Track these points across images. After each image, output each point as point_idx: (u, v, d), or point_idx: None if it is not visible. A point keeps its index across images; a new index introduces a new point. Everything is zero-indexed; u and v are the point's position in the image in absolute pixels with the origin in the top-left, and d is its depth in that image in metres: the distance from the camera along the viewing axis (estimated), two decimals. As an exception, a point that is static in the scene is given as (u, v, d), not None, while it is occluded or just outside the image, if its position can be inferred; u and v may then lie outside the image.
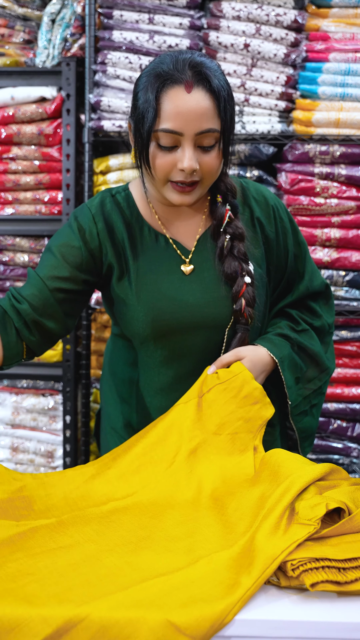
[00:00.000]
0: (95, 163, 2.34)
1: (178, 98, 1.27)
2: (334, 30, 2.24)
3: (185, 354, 1.45)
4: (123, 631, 0.86)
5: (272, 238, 1.49)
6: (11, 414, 2.44)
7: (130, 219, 1.46)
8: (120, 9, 2.24)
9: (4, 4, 2.36)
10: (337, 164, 2.29)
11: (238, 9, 2.19)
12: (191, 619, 0.86)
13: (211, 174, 1.35)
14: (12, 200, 2.41)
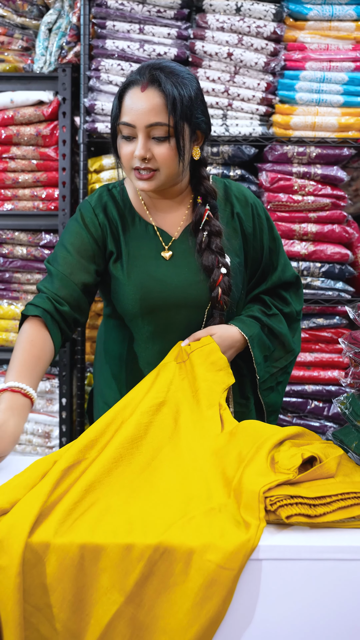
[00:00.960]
0: (89, 162, 2.47)
1: (134, 96, 1.47)
2: (310, 41, 2.40)
3: (169, 330, 1.61)
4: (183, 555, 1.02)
5: (249, 232, 1.65)
6: (10, 397, 2.58)
7: (124, 210, 1.63)
8: (113, 19, 2.38)
9: (3, 14, 2.49)
10: (314, 164, 2.44)
11: (222, 20, 2.35)
12: (228, 553, 1.02)
13: (166, 164, 1.50)
14: (11, 196, 2.54)
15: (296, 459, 1.20)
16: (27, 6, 2.49)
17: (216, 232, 1.59)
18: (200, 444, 1.34)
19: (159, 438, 1.35)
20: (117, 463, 1.26)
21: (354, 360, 1.47)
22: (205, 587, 1.01)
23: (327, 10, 2.34)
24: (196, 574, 1.02)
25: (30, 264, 2.55)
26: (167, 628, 1.02)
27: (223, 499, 1.16)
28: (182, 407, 1.44)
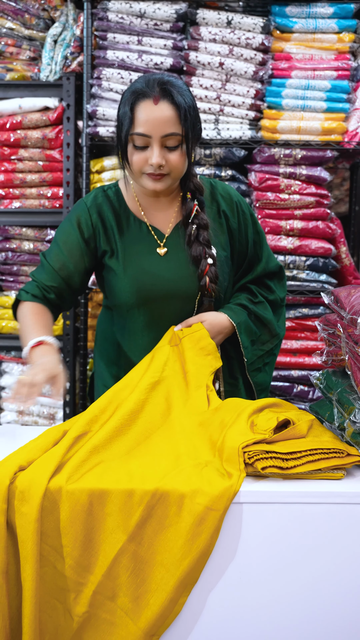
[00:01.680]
0: (91, 163, 2.64)
1: (147, 109, 1.58)
2: (296, 51, 2.56)
3: (162, 319, 1.75)
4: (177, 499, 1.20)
5: (234, 228, 1.80)
6: (18, 382, 2.75)
7: (119, 209, 1.76)
8: (113, 32, 2.55)
9: (13, 27, 2.66)
10: (299, 165, 2.61)
11: (214, 33, 2.52)
12: (214, 497, 1.20)
13: (177, 168, 1.64)
14: (19, 195, 2.71)
15: (272, 421, 1.38)
16: (35, 20, 2.65)
17: (204, 225, 1.73)
18: (189, 418, 1.52)
19: (152, 413, 1.53)
20: (118, 432, 1.44)
21: (328, 340, 1.65)
22: (195, 525, 1.19)
23: (311, 24, 2.51)
24: (187, 515, 1.20)
25: (36, 257, 2.72)
26: (165, 561, 1.21)
27: (209, 457, 1.35)
28: (174, 386, 1.60)
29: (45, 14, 2.66)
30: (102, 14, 2.52)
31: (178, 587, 1.19)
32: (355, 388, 1.41)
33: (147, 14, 2.51)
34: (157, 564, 1.22)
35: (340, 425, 1.46)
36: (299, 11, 2.51)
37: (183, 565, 1.19)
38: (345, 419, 1.41)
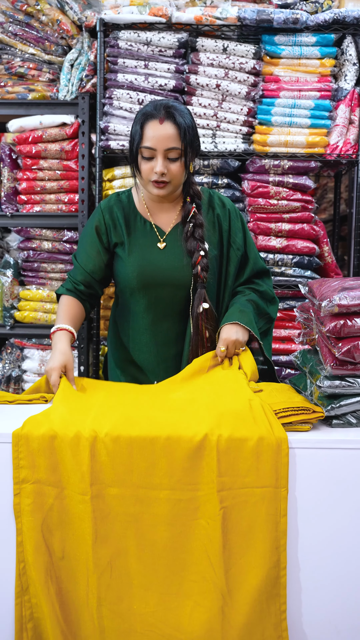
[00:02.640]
0: (103, 173, 2.92)
1: (154, 127, 1.92)
2: (283, 74, 2.83)
3: (159, 303, 2.06)
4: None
5: (225, 230, 2.11)
6: (37, 365, 3.06)
7: (128, 210, 2.10)
8: (123, 57, 2.84)
9: (34, 52, 2.96)
10: (286, 174, 2.88)
11: (212, 58, 2.81)
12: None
13: (177, 177, 1.97)
14: (39, 200, 3.00)
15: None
16: (54, 46, 2.95)
17: (199, 224, 2.03)
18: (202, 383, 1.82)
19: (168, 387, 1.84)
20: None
21: (304, 324, 1.98)
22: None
23: (296, 51, 2.80)
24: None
25: (54, 256, 3.02)
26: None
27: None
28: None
29: (63, 41, 2.95)
30: (114, 42, 2.81)
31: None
32: (322, 360, 1.73)
33: (152, 42, 2.81)
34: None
35: (310, 391, 1.79)
36: (286, 40, 2.80)
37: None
38: (313, 385, 1.74)
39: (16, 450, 1.54)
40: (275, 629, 1.48)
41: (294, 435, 1.56)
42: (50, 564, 1.52)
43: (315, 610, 1.52)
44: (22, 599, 1.52)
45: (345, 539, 1.52)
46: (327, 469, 1.52)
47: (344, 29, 2.80)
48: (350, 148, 2.86)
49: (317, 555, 1.52)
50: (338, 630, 1.51)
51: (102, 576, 1.51)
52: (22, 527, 1.53)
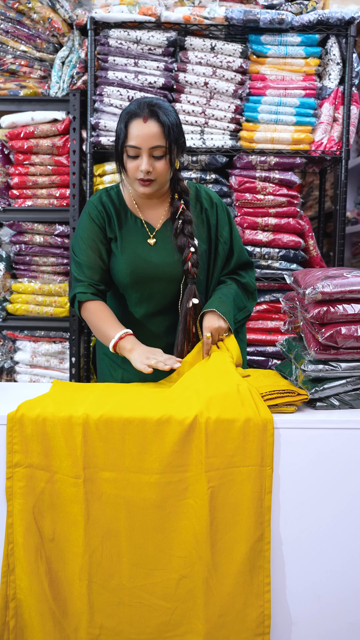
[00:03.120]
0: (94, 168, 2.96)
1: (138, 126, 1.89)
2: (269, 73, 2.89)
3: (151, 297, 2.07)
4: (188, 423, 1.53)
5: (213, 224, 2.11)
6: (30, 357, 3.10)
7: (119, 206, 2.08)
8: (113, 55, 2.88)
9: (26, 49, 2.99)
10: (273, 170, 2.94)
11: (200, 57, 2.86)
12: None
13: (162, 175, 1.94)
14: (31, 195, 3.03)
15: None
16: (45, 44, 2.99)
17: (188, 221, 2.02)
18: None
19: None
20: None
21: (289, 312, 2.04)
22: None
23: (282, 50, 2.86)
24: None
25: (46, 249, 3.06)
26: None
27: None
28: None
29: (55, 39, 2.99)
30: (104, 40, 2.86)
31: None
32: (306, 346, 1.80)
33: (142, 40, 2.86)
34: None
35: (295, 376, 1.85)
36: (272, 39, 2.86)
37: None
38: (298, 369, 1.81)
39: (10, 435, 1.58)
40: (257, 599, 1.54)
41: (279, 416, 1.61)
42: (41, 545, 1.57)
43: (297, 580, 1.58)
44: (8, 579, 1.57)
45: (326, 513, 1.58)
46: (311, 448, 1.58)
47: (328, 29, 2.87)
48: (335, 145, 2.93)
49: (300, 529, 1.58)
50: (318, 596, 1.58)
51: (93, 555, 1.56)
52: (13, 510, 1.57)
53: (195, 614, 1.55)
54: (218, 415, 1.55)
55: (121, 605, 1.56)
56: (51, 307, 3.07)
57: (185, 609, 1.55)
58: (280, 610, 1.58)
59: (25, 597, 1.56)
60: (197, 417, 1.54)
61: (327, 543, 1.58)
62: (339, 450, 1.58)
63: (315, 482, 1.58)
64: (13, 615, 1.57)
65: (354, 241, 4.96)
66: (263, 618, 1.55)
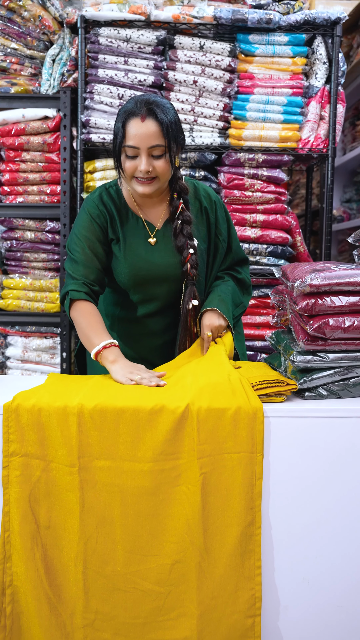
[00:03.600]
0: (85, 165, 2.98)
1: (136, 125, 1.84)
2: (257, 72, 2.92)
3: (153, 298, 2.06)
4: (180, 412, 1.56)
5: (212, 222, 2.10)
6: (21, 352, 3.12)
7: (120, 206, 2.02)
8: (103, 53, 2.90)
9: (16, 47, 3.01)
10: (260, 167, 2.98)
11: (189, 55, 2.89)
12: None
13: (163, 173, 1.89)
14: (22, 191, 3.04)
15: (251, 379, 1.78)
16: (36, 41, 3.01)
17: (187, 221, 2.00)
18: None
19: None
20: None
21: (278, 306, 2.08)
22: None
23: (269, 49, 2.90)
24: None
25: (36, 245, 3.08)
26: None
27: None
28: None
29: (45, 37, 3.00)
30: (94, 38, 2.88)
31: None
32: (295, 337, 1.84)
33: (132, 38, 2.88)
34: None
35: (285, 367, 1.89)
36: (259, 39, 2.90)
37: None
38: (287, 360, 1.85)
39: (6, 425, 1.61)
40: (249, 582, 1.58)
41: (269, 405, 1.65)
42: (37, 532, 1.60)
43: (287, 564, 1.62)
44: (4, 566, 1.60)
45: (315, 499, 1.62)
46: (300, 436, 1.62)
47: (315, 29, 2.91)
48: (321, 143, 2.98)
49: (290, 514, 1.62)
50: (307, 579, 1.62)
51: (88, 542, 1.59)
52: (10, 498, 1.60)
53: (188, 597, 1.58)
54: (209, 404, 1.58)
55: (116, 590, 1.59)
56: (42, 303, 3.09)
57: (179, 592, 1.59)
58: (270, 593, 1.62)
59: (21, 583, 1.59)
60: (189, 406, 1.58)
61: (316, 528, 1.62)
62: (328, 438, 1.62)
63: (305, 468, 1.62)
64: (10, 602, 1.60)
65: (340, 239, 5.02)
66: (254, 600, 1.58)
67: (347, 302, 1.75)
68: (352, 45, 4.46)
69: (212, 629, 1.58)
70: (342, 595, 1.63)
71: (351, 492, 1.62)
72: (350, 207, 4.86)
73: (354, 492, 1.62)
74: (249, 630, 1.59)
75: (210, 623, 1.58)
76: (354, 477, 1.62)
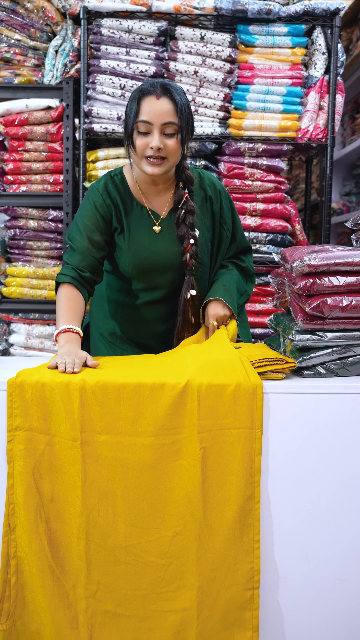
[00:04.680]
0: (87, 154, 2.99)
1: (151, 102, 1.86)
2: (257, 62, 2.94)
3: (156, 287, 2.06)
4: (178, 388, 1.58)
5: (217, 211, 2.10)
6: (24, 339, 3.14)
7: (124, 195, 2.02)
8: (105, 44, 2.92)
9: (20, 38, 3.02)
10: (260, 156, 2.99)
11: (190, 46, 2.90)
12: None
13: (173, 154, 1.89)
14: (25, 180, 3.07)
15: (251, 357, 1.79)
16: (39, 33, 3.02)
17: (190, 211, 1.99)
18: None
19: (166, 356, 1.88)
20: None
21: (277, 288, 2.10)
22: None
23: (269, 40, 2.91)
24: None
25: (39, 234, 3.09)
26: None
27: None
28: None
29: (48, 28, 3.02)
30: (97, 29, 2.89)
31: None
32: (294, 317, 1.85)
33: (134, 29, 2.89)
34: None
35: (284, 348, 1.91)
36: (259, 29, 2.91)
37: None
38: (286, 339, 1.86)
39: (10, 400, 1.63)
40: (247, 555, 1.59)
41: (269, 383, 1.67)
42: (40, 505, 1.62)
43: (286, 538, 1.64)
44: (9, 538, 1.61)
45: (313, 474, 1.64)
46: (298, 412, 1.64)
47: (314, 20, 2.92)
48: (320, 132, 2.99)
49: (289, 489, 1.63)
50: (306, 553, 1.64)
51: (90, 515, 1.60)
52: (14, 471, 1.62)
53: (188, 569, 1.60)
54: (210, 380, 1.60)
55: (117, 563, 1.61)
56: (45, 290, 3.11)
57: (179, 564, 1.60)
58: (269, 566, 1.64)
59: (25, 555, 1.60)
60: (190, 382, 1.59)
61: (315, 503, 1.64)
62: (326, 414, 1.64)
63: (304, 444, 1.64)
64: (14, 572, 1.61)
65: (339, 232, 5.03)
66: (253, 573, 1.60)
67: (345, 282, 1.76)
68: (352, 38, 4.47)
69: (211, 600, 1.60)
70: (341, 568, 1.65)
71: (349, 467, 1.64)
72: (350, 200, 4.87)
73: (352, 467, 1.64)
74: (248, 602, 1.60)
75: (210, 595, 1.59)
76: (352, 453, 1.64)
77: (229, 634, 1.61)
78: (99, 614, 1.61)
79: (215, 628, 1.60)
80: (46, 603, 1.59)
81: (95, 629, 1.61)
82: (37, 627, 1.63)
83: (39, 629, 1.63)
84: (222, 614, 1.60)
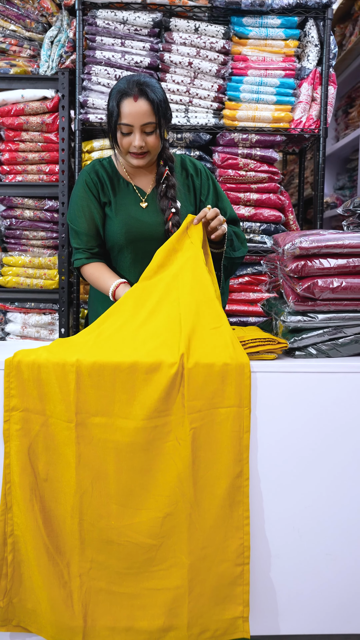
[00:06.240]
0: (83, 145, 3.02)
1: (129, 105, 2.04)
2: (251, 54, 2.95)
3: (145, 258, 2.10)
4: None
5: (198, 186, 2.25)
6: (20, 328, 3.15)
7: (112, 174, 2.23)
8: (101, 35, 2.94)
9: (15, 29, 3.03)
10: (254, 147, 3.00)
11: (184, 37, 2.92)
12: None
13: (154, 148, 2.11)
14: (21, 171, 3.07)
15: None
16: (34, 23, 3.03)
17: (171, 185, 2.18)
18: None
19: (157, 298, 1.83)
20: (123, 323, 1.79)
21: (269, 273, 2.11)
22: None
23: (263, 32, 2.93)
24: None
25: (35, 223, 3.10)
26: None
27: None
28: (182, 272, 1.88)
29: (44, 19, 3.03)
30: (92, 20, 2.91)
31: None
32: (285, 300, 1.87)
33: (129, 21, 2.91)
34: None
35: (276, 330, 1.93)
36: (253, 21, 2.93)
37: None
38: (278, 320, 1.88)
39: (7, 380, 1.64)
40: (237, 531, 1.61)
41: (258, 362, 1.69)
42: (35, 485, 1.63)
43: (276, 514, 1.66)
44: (6, 517, 1.63)
45: (302, 451, 1.66)
46: (287, 390, 1.66)
47: (306, 12, 2.94)
48: (313, 123, 3.00)
49: (278, 466, 1.65)
50: (296, 529, 1.66)
51: (83, 496, 1.62)
52: (10, 451, 1.63)
53: (179, 548, 1.62)
54: (197, 360, 1.61)
55: (110, 543, 1.62)
56: (41, 280, 3.11)
57: (170, 544, 1.62)
58: (260, 543, 1.66)
59: (22, 533, 1.62)
60: (179, 365, 1.61)
61: (304, 479, 1.66)
62: (315, 393, 1.66)
63: (293, 422, 1.65)
64: (11, 550, 1.63)
65: (333, 225, 5.05)
66: (243, 549, 1.62)
67: (336, 265, 1.78)
68: (345, 34, 4.49)
69: (203, 577, 1.61)
70: (332, 544, 1.67)
71: (339, 444, 1.66)
72: (344, 194, 4.89)
73: (342, 444, 1.66)
74: (238, 577, 1.62)
75: (201, 572, 1.61)
76: (342, 430, 1.66)
77: (220, 610, 1.62)
78: (93, 592, 1.63)
79: (207, 604, 1.62)
80: (42, 581, 1.61)
81: (90, 606, 1.63)
82: (33, 604, 1.65)
83: (35, 606, 1.64)
84: (213, 590, 1.62)
